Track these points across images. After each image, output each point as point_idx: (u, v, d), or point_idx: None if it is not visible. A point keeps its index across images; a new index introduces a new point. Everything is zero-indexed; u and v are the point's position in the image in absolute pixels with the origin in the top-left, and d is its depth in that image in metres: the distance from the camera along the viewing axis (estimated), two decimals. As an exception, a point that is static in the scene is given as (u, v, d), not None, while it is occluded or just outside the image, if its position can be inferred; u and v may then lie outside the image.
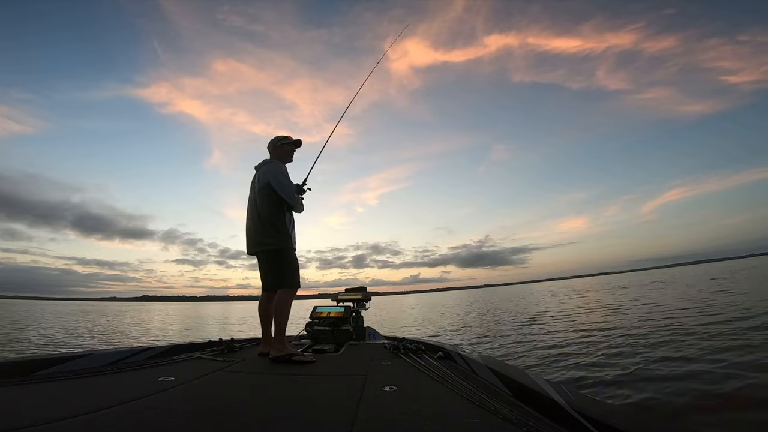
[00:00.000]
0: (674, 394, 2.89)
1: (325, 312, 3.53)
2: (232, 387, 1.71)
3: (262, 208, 2.60)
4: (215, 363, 2.27)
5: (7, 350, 6.93)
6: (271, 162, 2.76)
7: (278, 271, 2.59)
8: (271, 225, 2.57)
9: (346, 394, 1.52)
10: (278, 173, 2.62)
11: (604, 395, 3.07)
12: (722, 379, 3.11)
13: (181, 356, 2.55)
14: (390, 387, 1.59)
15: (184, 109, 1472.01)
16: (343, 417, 1.21)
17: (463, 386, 1.54)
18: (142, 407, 1.32)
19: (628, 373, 3.58)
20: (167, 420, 1.19)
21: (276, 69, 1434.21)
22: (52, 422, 1.10)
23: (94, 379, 1.84)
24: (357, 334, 3.43)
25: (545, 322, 8.51)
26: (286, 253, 2.60)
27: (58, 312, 26.42)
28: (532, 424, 1.06)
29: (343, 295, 3.90)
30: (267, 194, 2.60)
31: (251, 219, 2.68)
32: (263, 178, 2.64)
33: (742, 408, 2.55)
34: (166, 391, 1.57)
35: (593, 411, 1.03)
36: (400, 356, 2.41)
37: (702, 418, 2.49)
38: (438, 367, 1.98)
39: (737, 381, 3.01)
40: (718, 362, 3.61)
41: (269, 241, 2.57)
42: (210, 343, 2.94)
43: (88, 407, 1.27)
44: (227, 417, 1.23)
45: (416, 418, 1.19)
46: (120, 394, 1.49)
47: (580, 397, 1.17)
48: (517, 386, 1.46)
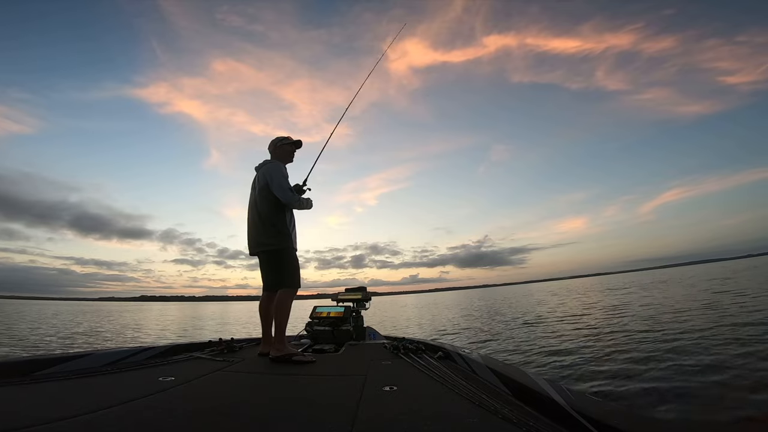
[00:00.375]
0: (675, 394, 2.89)
1: (325, 312, 3.53)
2: (232, 387, 1.71)
3: (262, 208, 2.61)
4: (215, 363, 2.27)
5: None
6: (271, 162, 2.77)
7: (278, 271, 2.59)
8: (271, 225, 2.58)
9: (346, 394, 1.52)
10: (276, 173, 2.62)
11: (604, 395, 3.07)
12: (727, 380, 3.10)
13: (181, 356, 2.55)
14: (390, 387, 1.59)
15: (182, 109, 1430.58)
16: (343, 417, 1.21)
17: (463, 386, 1.54)
18: (142, 407, 1.32)
19: (629, 372, 3.59)
20: (167, 420, 1.19)
21: (275, 69, 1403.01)
22: (52, 422, 1.10)
23: (94, 379, 1.84)
24: (357, 334, 3.43)
25: (549, 322, 8.49)
26: (286, 253, 2.61)
27: (54, 312, 26.30)
28: (532, 424, 1.06)
29: (343, 295, 3.90)
30: (267, 195, 2.61)
31: (252, 220, 2.69)
32: (262, 179, 2.65)
33: (747, 410, 2.54)
34: (166, 391, 1.57)
35: (593, 411, 1.03)
36: (400, 356, 2.41)
37: (702, 418, 2.49)
38: (438, 367, 1.98)
39: (741, 382, 3.01)
40: (723, 363, 3.61)
41: (269, 242, 2.58)
42: (210, 343, 2.94)
43: (88, 407, 1.27)
44: (227, 417, 1.23)
45: (416, 418, 1.19)
46: (120, 394, 1.49)
47: (580, 397, 1.17)
48: (517, 386, 1.46)
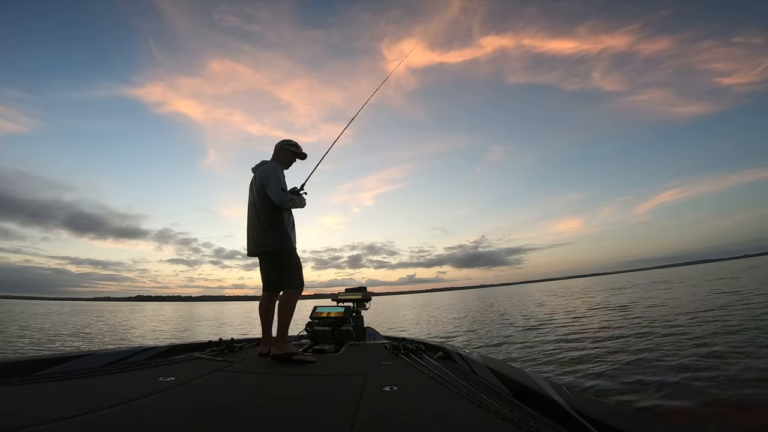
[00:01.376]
0: (675, 395, 2.89)
1: (325, 312, 3.53)
2: (232, 387, 1.71)
3: (260, 209, 2.61)
4: (215, 363, 2.27)
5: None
6: (269, 163, 2.76)
7: (280, 271, 2.59)
8: (270, 227, 2.58)
9: (346, 394, 1.52)
10: (272, 175, 2.61)
11: (605, 395, 3.06)
12: (728, 381, 3.09)
13: (181, 356, 2.55)
14: (390, 387, 1.59)
15: (179, 108, 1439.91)
16: (343, 417, 1.21)
17: (463, 386, 1.54)
18: (142, 407, 1.32)
19: (629, 373, 3.58)
20: (167, 420, 1.19)
21: (272, 69, 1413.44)
22: (52, 422, 1.11)
23: (94, 379, 1.84)
24: (357, 334, 3.43)
25: (554, 324, 8.40)
26: (286, 252, 2.61)
27: (48, 312, 25.99)
28: (532, 424, 1.06)
29: (343, 295, 3.89)
30: (264, 196, 2.61)
31: (251, 221, 2.69)
32: (259, 180, 2.65)
33: (750, 411, 2.53)
34: (166, 391, 1.57)
35: (593, 411, 1.03)
36: (400, 356, 2.41)
37: (703, 418, 2.48)
38: (438, 367, 1.98)
39: (743, 382, 3.00)
40: (723, 363, 3.60)
41: (269, 242, 2.58)
42: (210, 343, 2.94)
43: (88, 407, 1.27)
44: (227, 417, 1.23)
45: (416, 418, 1.19)
46: (120, 394, 1.49)
47: (580, 397, 1.17)
48: (517, 386, 1.46)
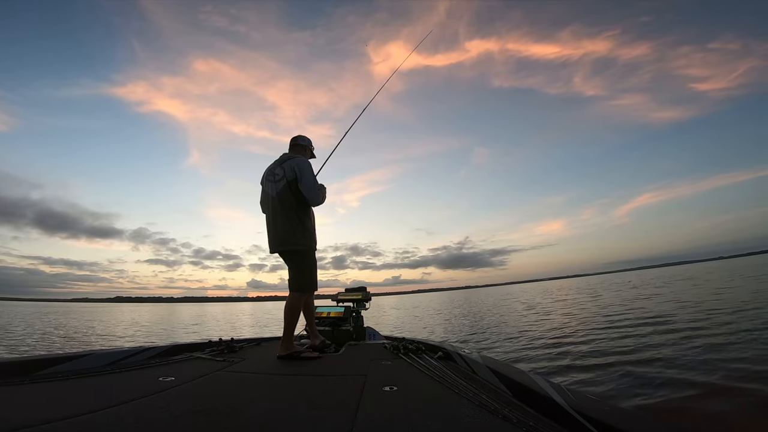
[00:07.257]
0: (675, 395, 2.89)
1: (325, 312, 3.53)
2: (232, 387, 1.70)
3: (289, 203, 2.51)
4: (215, 363, 2.27)
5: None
6: (299, 157, 2.65)
7: (300, 272, 2.56)
8: (299, 222, 2.50)
9: (346, 394, 1.52)
10: (308, 170, 2.55)
11: (605, 395, 3.06)
12: (726, 380, 3.09)
13: (181, 356, 2.55)
14: (390, 387, 1.59)
15: (162, 108, 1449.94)
16: (343, 417, 1.21)
17: (463, 386, 1.54)
18: (142, 407, 1.32)
19: (628, 373, 3.58)
20: (167, 420, 1.19)
21: (258, 70, 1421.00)
22: (52, 422, 1.11)
23: (94, 379, 1.84)
24: (357, 334, 3.43)
25: (543, 325, 8.46)
26: (307, 255, 2.57)
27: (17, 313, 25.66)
28: (532, 424, 1.06)
29: (343, 295, 3.89)
30: (296, 190, 2.51)
31: (276, 216, 2.56)
32: (291, 173, 2.53)
33: (749, 411, 2.53)
34: (166, 391, 1.57)
35: (593, 411, 1.03)
36: (400, 356, 2.41)
37: (703, 418, 2.48)
38: (438, 367, 1.97)
39: (742, 382, 3.00)
40: (721, 362, 3.61)
41: (296, 241, 2.51)
42: (210, 343, 2.94)
43: (88, 407, 1.27)
44: (227, 417, 1.23)
45: (416, 418, 1.19)
46: (120, 394, 1.49)
47: (580, 397, 1.17)
48: (517, 386, 1.46)
